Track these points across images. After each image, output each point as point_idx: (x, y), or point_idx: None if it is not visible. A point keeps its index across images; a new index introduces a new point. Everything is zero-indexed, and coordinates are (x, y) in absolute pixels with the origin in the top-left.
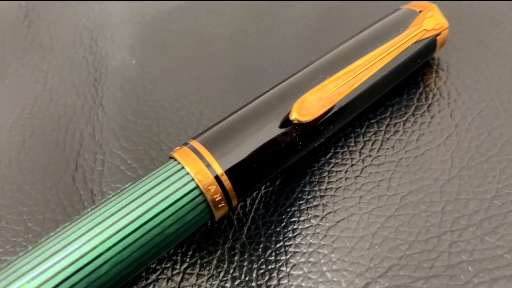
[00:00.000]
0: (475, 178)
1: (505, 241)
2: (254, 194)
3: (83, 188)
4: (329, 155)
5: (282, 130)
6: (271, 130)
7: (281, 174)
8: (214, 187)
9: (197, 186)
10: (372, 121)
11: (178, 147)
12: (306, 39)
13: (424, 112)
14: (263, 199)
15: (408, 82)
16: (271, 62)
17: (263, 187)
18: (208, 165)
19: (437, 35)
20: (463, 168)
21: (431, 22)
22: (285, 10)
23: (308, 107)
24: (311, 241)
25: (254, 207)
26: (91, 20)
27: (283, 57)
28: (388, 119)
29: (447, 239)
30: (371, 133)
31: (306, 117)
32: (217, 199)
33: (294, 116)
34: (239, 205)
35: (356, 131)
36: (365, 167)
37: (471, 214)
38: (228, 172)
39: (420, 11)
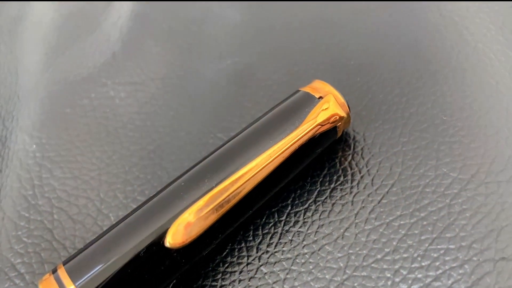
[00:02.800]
0: (369, 280)
1: None
2: None
3: None
4: (225, 253)
5: (160, 253)
6: (146, 254)
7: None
8: None
9: None
10: (273, 209)
11: (47, 275)
12: (215, 110)
13: (326, 198)
14: None
15: (314, 163)
16: (178, 138)
17: None
18: None
19: (335, 125)
20: (358, 267)
21: (326, 114)
22: (195, 78)
23: (187, 228)
24: None
25: None
26: (2, 94)
27: (190, 131)
28: (289, 207)
29: None
30: (270, 224)
31: (184, 240)
32: None
33: (168, 243)
34: None
35: (256, 222)
36: (261, 265)
37: None
38: None
39: (320, 97)
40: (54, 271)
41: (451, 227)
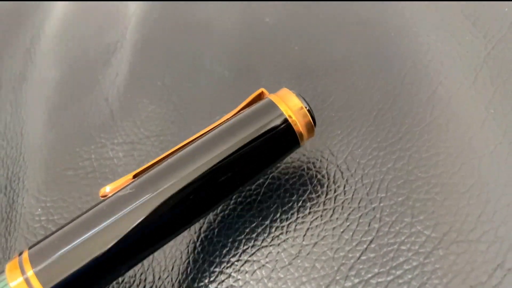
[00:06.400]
0: None
1: None
2: None
3: None
4: None
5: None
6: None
7: None
8: None
9: None
10: (258, 267)
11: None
12: None
13: (309, 254)
14: None
15: (296, 217)
16: None
17: None
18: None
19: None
20: None
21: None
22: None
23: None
24: None
25: None
26: (9, 155)
27: None
28: (274, 263)
29: None
30: (253, 281)
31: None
32: None
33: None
34: None
35: (240, 279)
36: None
37: None
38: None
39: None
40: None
41: (425, 287)
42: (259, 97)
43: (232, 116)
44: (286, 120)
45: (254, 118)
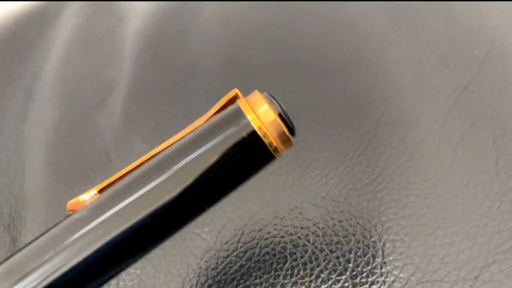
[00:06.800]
0: None
1: None
2: None
3: None
4: None
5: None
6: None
7: None
8: None
9: None
10: None
11: None
12: None
13: None
14: None
15: (277, 259)
16: None
17: None
18: None
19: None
20: None
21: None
22: None
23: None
24: None
25: None
26: (12, 193)
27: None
28: None
29: None
30: None
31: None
32: None
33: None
34: None
35: None
36: None
37: None
38: None
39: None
40: None
41: None
42: (234, 99)
43: (200, 124)
44: (253, 132)
45: (219, 129)
